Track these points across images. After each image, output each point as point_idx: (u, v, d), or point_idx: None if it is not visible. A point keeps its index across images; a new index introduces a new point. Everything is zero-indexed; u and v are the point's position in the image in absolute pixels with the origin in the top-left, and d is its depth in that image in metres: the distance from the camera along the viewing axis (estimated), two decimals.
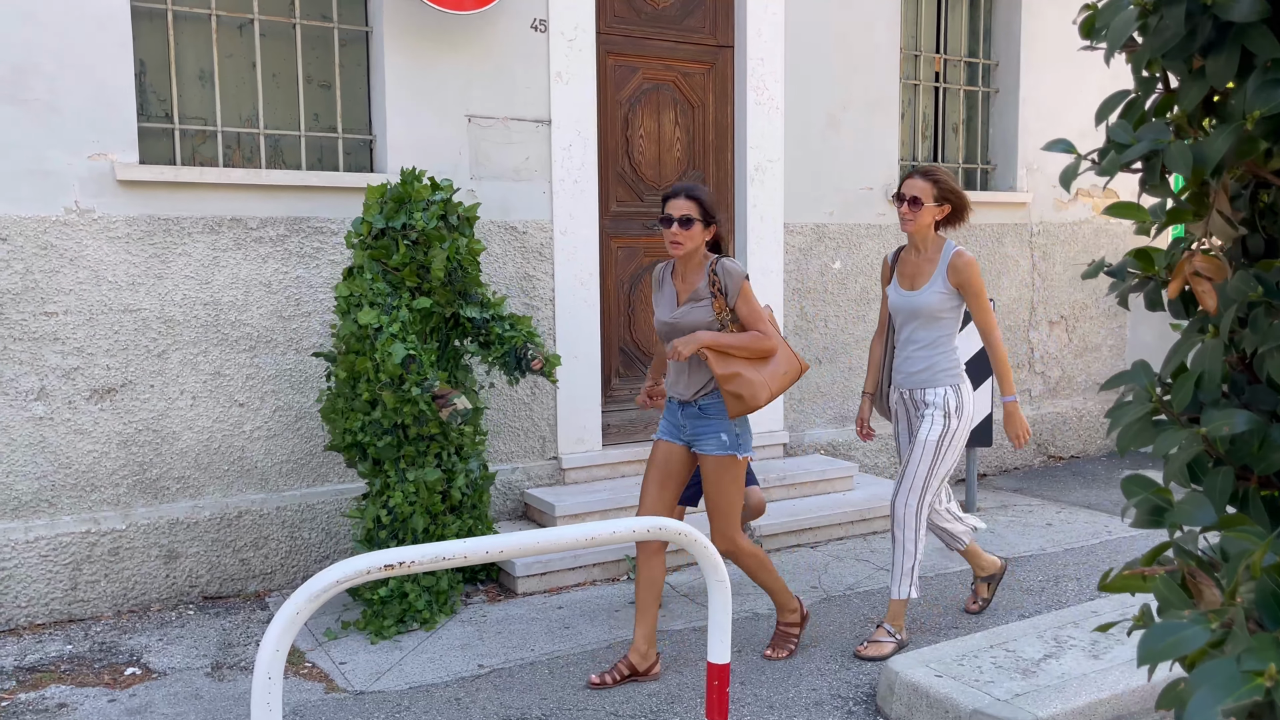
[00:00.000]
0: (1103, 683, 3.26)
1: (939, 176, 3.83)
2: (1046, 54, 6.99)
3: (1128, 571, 0.89)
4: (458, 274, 4.25)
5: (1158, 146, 0.97)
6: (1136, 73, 1.06)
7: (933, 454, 3.82)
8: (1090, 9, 1.06)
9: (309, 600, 2.23)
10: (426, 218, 4.13)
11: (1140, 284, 1.08)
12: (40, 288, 4.19)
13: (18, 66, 4.08)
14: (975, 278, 3.79)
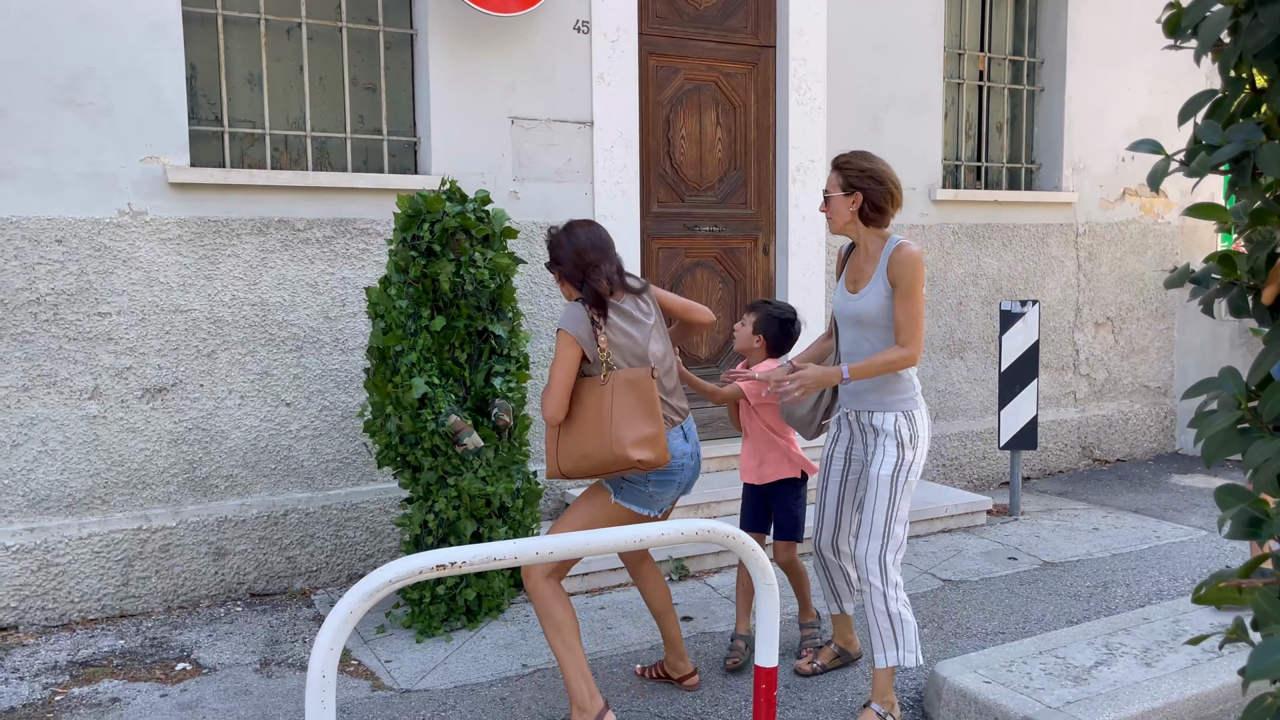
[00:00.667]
0: (1156, 691, 3.21)
1: (843, 160, 3.25)
2: (1092, 51, 6.89)
3: (1223, 584, 0.87)
4: (481, 290, 4.06)
5: (1249, 148, 0.95)
6: (1224, 72, 1.03)
7: (888, 493, 3.21)
8: (1175, 7, 1.04)
9: (362, 599, 2.25)
10: (435, 230, 3.98)
11: (1223, 290, 1.06)
12: (94, 288, 4.26)
13: (74, 72, 4.16)
14: (909, 274, 3.13)
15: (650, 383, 3.07)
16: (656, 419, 3.06)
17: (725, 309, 5.91)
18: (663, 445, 3.06)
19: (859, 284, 3.30)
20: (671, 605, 3.52)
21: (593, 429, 3.05)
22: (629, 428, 3.02)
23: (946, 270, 6.48)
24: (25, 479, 4.19)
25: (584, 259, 3.16)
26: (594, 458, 3.06)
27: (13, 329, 4.13)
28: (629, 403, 3.03)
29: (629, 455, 3.00)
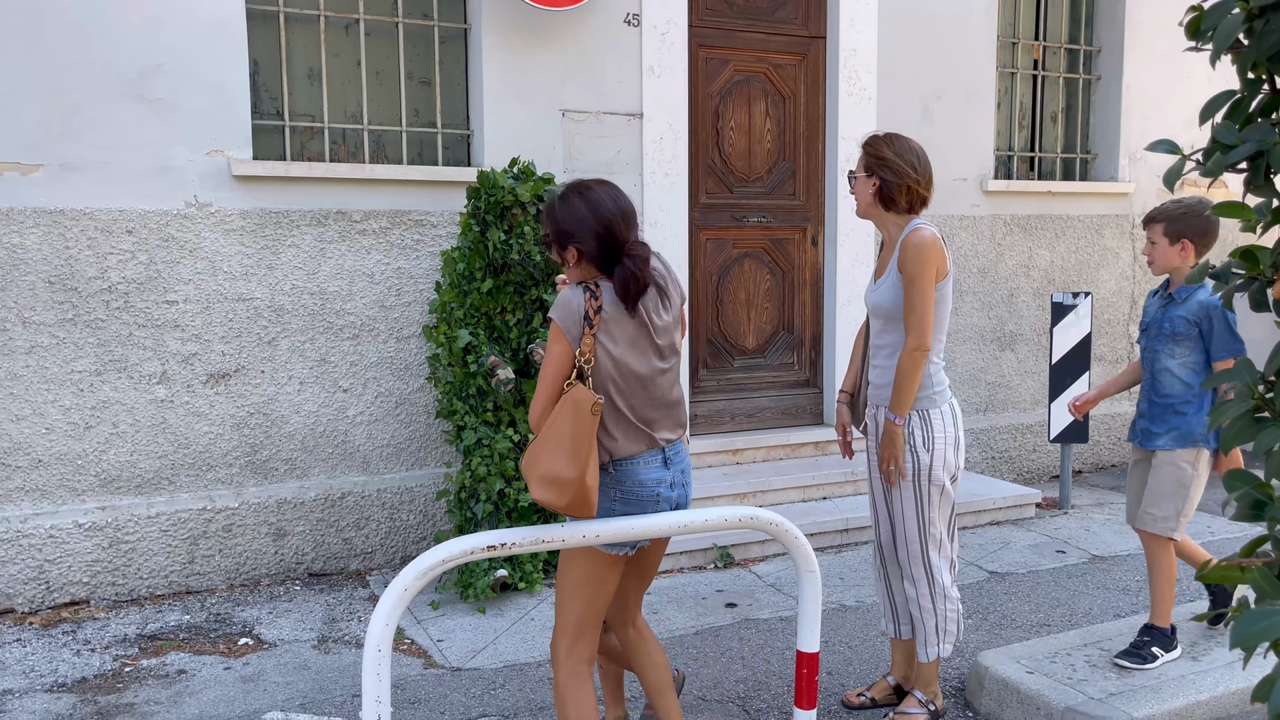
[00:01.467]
0: (1201, 684, 3.20)
1: (868, 141, 3.12)
2: (1151, 40, 6.77)
3: (1225, 563, 0.91)
4: (528, 260, 4.36)
5: (1263, 147, 0.98)
6: (1242, 74, 1.06)
7: (913, 499, 3.13)
8: (1197, 10, 1.06)
9: (417, 578, 2.35)
10: (492, 203, 4.40)
11: (1245, 284, 1.09)
12: (162, 278, 4.43)
13: (144, 69, 4.32)
14: (912, 261, 2.99)
15: (589, 417, 2.37)
16: (580, 462, 2.37)
17: (773, 300, 5.94)
18: (576, 494, 2.39)
19: (879, 274, 3.23)
20: (672, 683, 2.83)
21: (535, 440, 2.46)
22: (546, 457, 2.40)
23: (998, 262, 6.43)
24: (98, 460, 4.38)
25: (615, 234, 2.49)
26: (523, 474, 2.56)
27: (86, 316, 4.32)
28: (561, 429, 2.39)
29: (531, 488, 2.42)
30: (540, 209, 4.36)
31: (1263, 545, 0.93)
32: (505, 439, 4.41)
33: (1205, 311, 3.30)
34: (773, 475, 5.42)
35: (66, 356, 4.30)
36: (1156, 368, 3.42)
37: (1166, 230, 3.35)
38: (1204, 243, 3.34)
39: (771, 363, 5.97)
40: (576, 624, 2.58)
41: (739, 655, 3.86)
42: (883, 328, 3.18)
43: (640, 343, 2.53)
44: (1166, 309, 3.41)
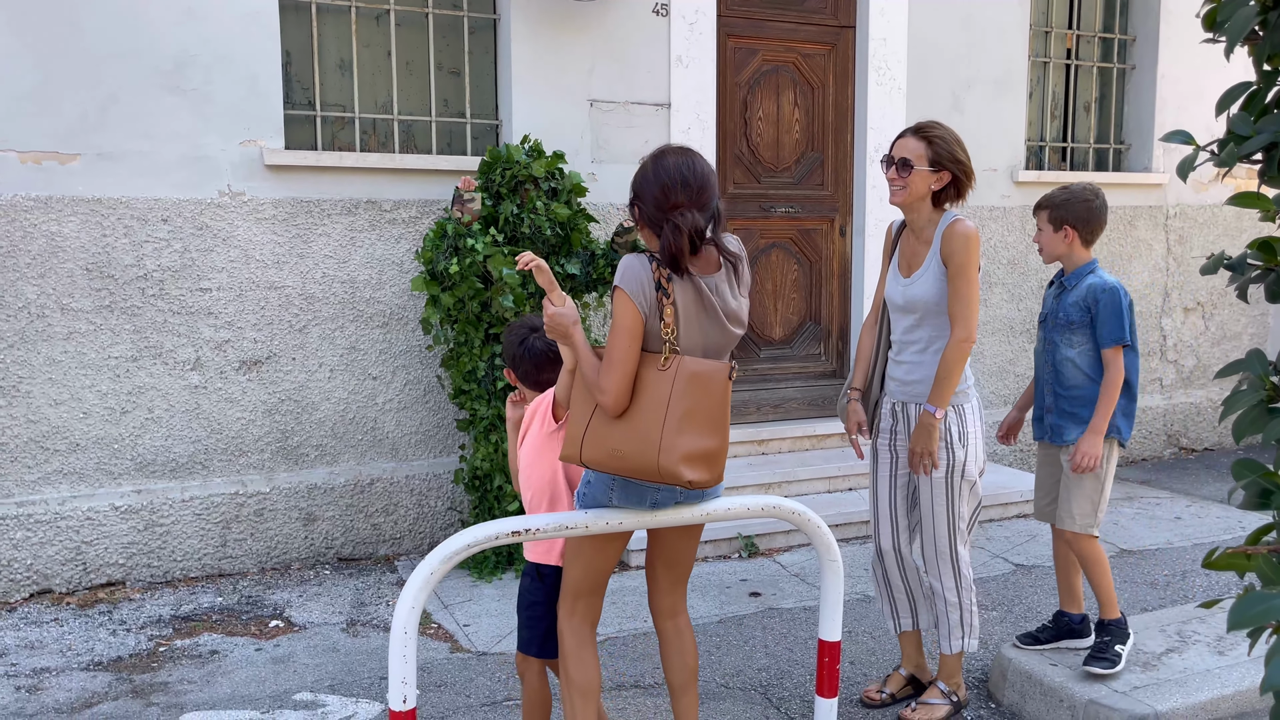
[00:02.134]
0: (1227, 679, 3.18)
1: (936, 134, 3.04)
2: (1186, 29, 6.68)
3: (1232, 550, 0.92)
4: (538, 235, 4.50)
5: (1277, 139, 0.98)
6: (1258, 66, 1.06)
7: (944, 497, 3.12)
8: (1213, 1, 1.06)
9: (442, 562, 2.39)
10: (506, 177, 4.53)
11: (1262, 275, 1.09)
12: (196, 265, 4.51)
13: (179, 60, 4.39)
14: (961, 250, 2.98)
15: (725, 384, 2.36)
16: (723, 431, 2.37)
17: (801, 290, 5.94)
18: (723, 463, 2.39)
19: (912, 267, 3.14)
20: (695, 686, 2.74)
21: (638, 425, 2.31)
22: (687, 436, 2.29)
23: (1028, 253, 6.38)
24: (133, 444, 4.47)
25: (669, 198, 2.37)
26: (630, 460, 2.32)
27: (123, 303, 4.40)
28: (692, 403, 2.30)
29: (680, 473, 2.28)
30: (553, 185, 4.60)
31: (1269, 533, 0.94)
32: (505, 440, 4.45)
33: (1093, 295, 3.23)
34: (798, 466, 5.43)
35: (103, 343, 4.39)
36: (1058, 359, 3.34)
37: (1051, 217, 3.31)
38: (1087, 230, 3.28)
39: (798, 353, 5.97)
40: (575, 588, 2.60)
41: (762, 644, 3.88)
42: (916, 322, 3.13)
43: (705, 325, 2.42)
44: (1061, 297, 3.34)
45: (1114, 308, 3.21)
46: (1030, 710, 3.26)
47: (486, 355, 4.53)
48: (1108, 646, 3.30)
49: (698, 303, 2.41)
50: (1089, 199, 3.29)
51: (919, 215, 3.10)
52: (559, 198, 4.63)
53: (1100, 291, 3.22)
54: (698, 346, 2.43)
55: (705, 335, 2.43)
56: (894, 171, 3.06)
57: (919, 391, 3.13)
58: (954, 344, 3.01)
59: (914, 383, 3.15)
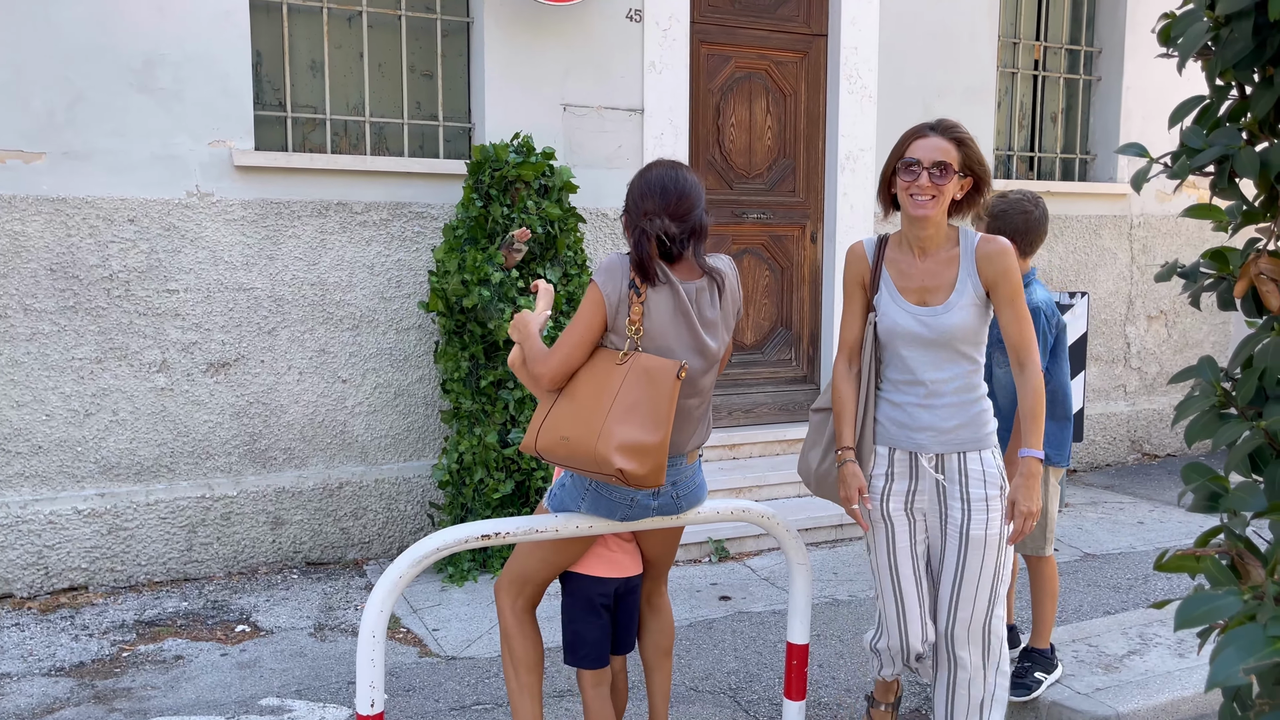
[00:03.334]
0: (1187, 681, 3.24)
1: (963, 134, 2.60)
2: (1152, 42, 6.79)
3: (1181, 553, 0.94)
4: (532, 234, 4.51)
5: (1228, 152, 1.00)
6: (1210, 80, 1.09)
7: (995, 559, 2.61)
8: (1169, 17, 1.09)
9: (412, 565, 2.38)
10: (495, 177, 4.52)
11: (1214, 284, 1.12)
12: (163, 266, 4.46)
13: (149, 59, 4.35)
14: (1013, 270, 2.56)
15: (673, 381, 2.35)
16: (663, 428, 2.34)
17: (771, 296, 5.97)
18: (657, 462, 2.35)
19: (936, 293, 2.59)
20: (666, 665, 2.84)
21: (586, 411, 2.37)
22: (627, 427, 2.33)
23: None
24: (97, 446, 4.42)
25: (643, 205, 2.46)
26: (573, 445, 2.37)
27: (87, 304, 4.35)
28: (639, 395, 2.35)
29: (610, 459, 2.31)
30: (544, 184, 4.63)
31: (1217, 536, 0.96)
32: (494, 433, 4.48)
33: None
34: (769, 470, 5.46)
35: (67, 344, 4.33)
36: (993, 380, 3.15)
37: (988, 228, 3.16)
38: (1025, 240, 3.13)
39: (769, 359, 6.00)
40: (526, 575, 2.65)
41: (731, 647, 3.89)
42: (948, 358, 2.61)
43: (679, 330, 2.45)
44: None
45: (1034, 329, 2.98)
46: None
47: (468, 356, 4.54)
48: (1027, 672, 3.23)
49: (674, 308, 2.44)
50: (1028, 209, 3.12)
51: (937, 231, 2.59)
52: (549, 196, 4.64)
53: None
54: (670, 351, 2.45)
55: (679, 341, 2.46)
56: (927, 179, 2.51)
57: (965, 439, 2.62)
58: (1038, 379, 2.56)
59: (956, 429, 2.62)
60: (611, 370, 2.40)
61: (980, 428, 2.63)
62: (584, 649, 2.68)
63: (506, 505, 4.60)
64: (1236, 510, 0.93)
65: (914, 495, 2.69)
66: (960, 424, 2.62)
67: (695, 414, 2.56)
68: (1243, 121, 1.06)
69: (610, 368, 2.41)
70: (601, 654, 2.71)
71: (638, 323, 2.40)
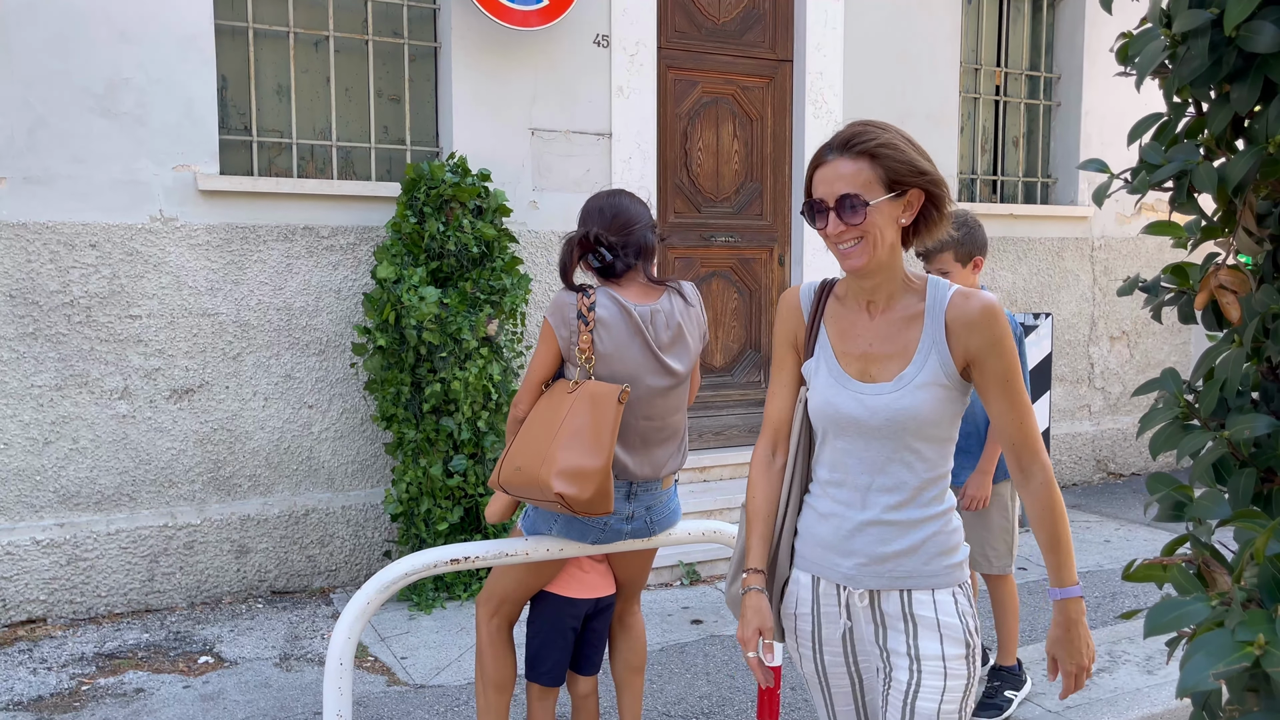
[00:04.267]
0: (1156, 698, 3.26)
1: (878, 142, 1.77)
2: (1110, 67, 6.93)
3: (1148, 562, 0.95)
4: (463, 253, 4.51)
5: (1186, 167, 1.02)
6: (1168, 98, 1.11)
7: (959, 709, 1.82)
8: (1126, 37, 1.11)
9: (379, 591, 2.35)
10: (430, 195, 4.53)
11: (1175, 298, 1.14)
12: (126, 292, 4.40)
13: (110, 83, 4.31)
14: (1004, 336, 1.79)
15: (614, 405, 2.37)
16: (603, 452, 2.35)
17: (740, 318, 5.99)
18: (599, 487, 2.34)
19: (884, 363, 1.85)
20: (636, 683, 2.87)
21: (536, 441, 2.41)
22: (569, 452, 2.35)
23: None
24: (56, 475, 4.33)
25: (581, 226, 2.60)
26: (524, 473, 2.40)
27: (47, 330, 4.28)
28: (582, 422, 2.37)
29: (550, 484, 2.33)
30: (478, 204, 4.63)
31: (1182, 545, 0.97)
32: (439, 465, 4.46)
33: None
34: (739, 493, 5.45)
35: (26, 371, 4.26)
36: None
37: (957, 255, 3.21)
38: (984, 253, 3.30)
39: (739, 381, 6.02)
40: (504, 594, 2.69)
41: (704, 671, 3.87)
42: (893, 453, 1.84)
43: (634, 351, 2.50)
44: None
45: None
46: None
47: (409, 380, 4.50)
48: (997, 691, 3.26)
49: (628, 331, 2.50)
50: (977, 225, 3.27)
51: (888, 279, 1.87)
52: (484, 217, 4.64)
53: None
54: (628, 375, 2.49)
55: (637, 364, 2.49)
56: (837, 221, 1.79)
57: (913, 569, 1.84)
58: (1047, 487, 1.81)
59: (898, 556, 1.84)
60: (562, 399, 2.45)
61: (937, 555, 1.84)
62: (544, 666, 2.68)
63: (455, 534, 4.56)
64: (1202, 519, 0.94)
65: (856, 643, 1.91)
66: (905, 548, 1.84)
67: (659, 437, 2.56)
68: (1200, 138, 1.08)
69: (561, 397, 2.46)
70: (559, 673, 2.71)
71: (587, 350, 2.46)
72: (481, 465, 4.54)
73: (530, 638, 2.70)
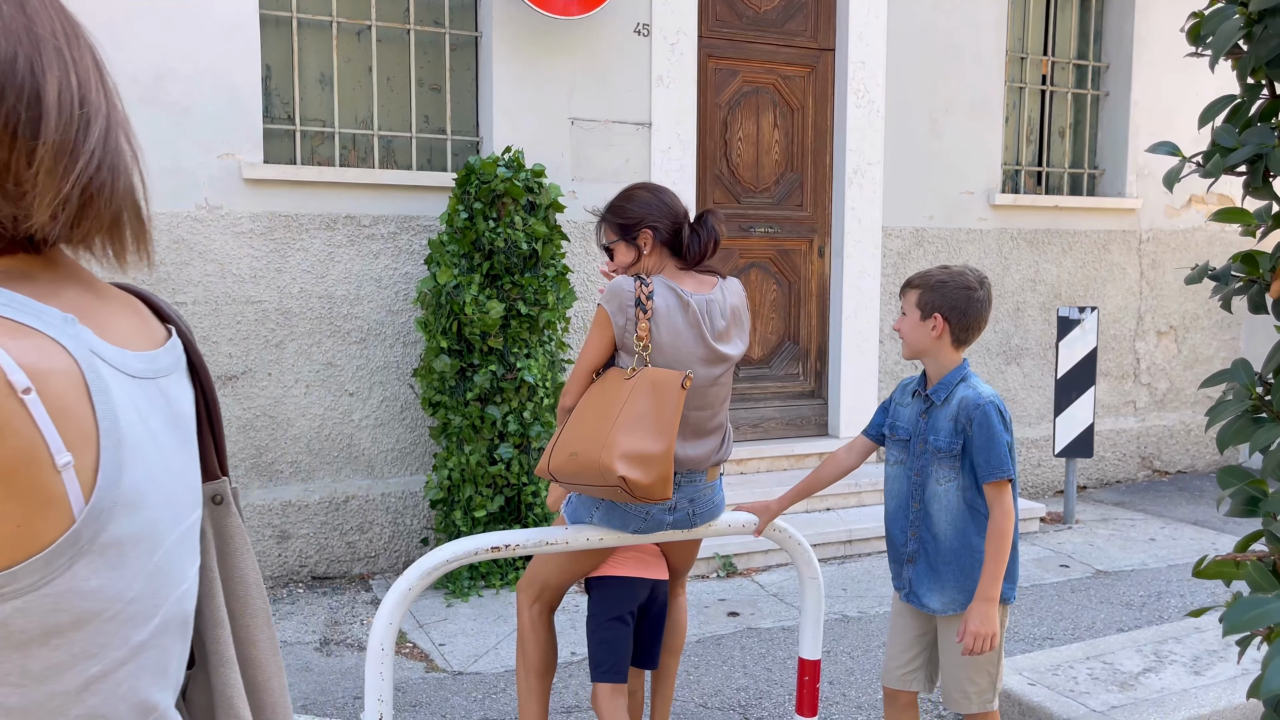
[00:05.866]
0: (1204, 699, 3.19)
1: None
2: (1160, 56, 6.79)
3: (1220, 558, 0.92)
4: (513, 250, 4.48)
5: (1262, 150, 0.99)
6: (1242, 79, 1.07)
7: None
8: (1198, 16, 1.08)
9: (421, 577, 2.36)
10: (482, 191, 4.50)
11: (1244, 287, 1.10)
12: (172, 279, 4.46)
13: (158, 72, 4.36)
14: None
15: (678, 391, 2.37)
16: (667, 437, 2.35)
17: (779, 310, 5.95)
18: (662, 472, 2.35)
19: None
20: (676, 658, 2.89)
21: (592, 426, 2.39)
22: (632, 437, 2.33)
23: (1004, 275, 6.44)
24: None
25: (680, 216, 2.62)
26: (581, 460, 2.38)
27: None
28: (644, 408, 2.37)
29: (613, 467, 2.30)
30: (531, 200, 4.57)
31: (1257, 540, 0.94)
32: (479, 451, 4.47)
33: (966, 413, 2.49)
34: (776, 486, 5.42)
35: None
36: (926, 496, 2.56)
37: (920, 300, 2.55)
38: (963, 324, 2.53)
39: (777, 373, 5.98)
40: (545, 580, 2.69)
41: (740, 664, 3.86)
42: None
43: (689, 341, 2.49)
44: (929, 413, 2.57)
45: (989, 430, 2.46)
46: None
47: (456, 367, 4.51)
48: None
49: (685, 320, 2.49)
50: (971, 287, 2.54)
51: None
52: (536, 213, 4.63)
53: (973, 408, 2.48)
54: (681, 365, 2.48)
55: (691, 353, 2.49)
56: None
57: None
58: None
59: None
60: (619, 386, 2.44)
61: None
62: (610, 661, 2.64)
63: (494, 523, 4.57)
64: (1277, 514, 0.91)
65: None
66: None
67: (709, 427, 2.56)
68: (1275, 120, 1.05)
69: (619, 384, 2.45)
70: (624, 668, 2.68)
71: (645, 339, 2.45)
72: (526, 455, 4.55)
73: (591, 633, 2.67)
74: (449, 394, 4.54)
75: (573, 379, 2.54)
